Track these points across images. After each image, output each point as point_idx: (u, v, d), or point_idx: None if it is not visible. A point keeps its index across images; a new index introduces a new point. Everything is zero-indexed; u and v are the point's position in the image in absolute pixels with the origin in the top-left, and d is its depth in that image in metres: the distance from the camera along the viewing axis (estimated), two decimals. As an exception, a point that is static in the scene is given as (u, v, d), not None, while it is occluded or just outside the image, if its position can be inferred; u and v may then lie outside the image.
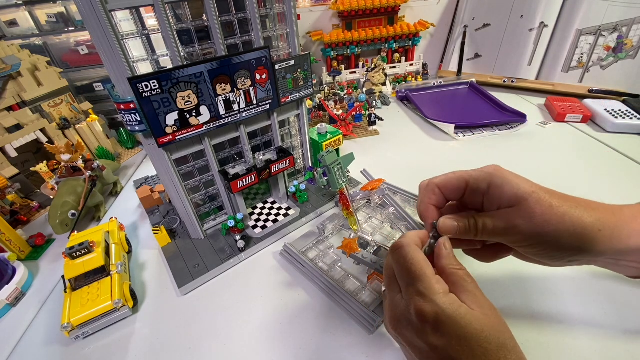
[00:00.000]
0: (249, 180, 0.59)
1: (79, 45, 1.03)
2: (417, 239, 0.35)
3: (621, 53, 1.01)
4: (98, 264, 0.52)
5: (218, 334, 0.48)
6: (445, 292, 0.30)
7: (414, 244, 0.34)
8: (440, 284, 0.31)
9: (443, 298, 0.29)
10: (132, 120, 0.47)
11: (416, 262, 0.32)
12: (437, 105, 1.09)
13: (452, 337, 0.28)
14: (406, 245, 0.33)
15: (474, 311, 0.29)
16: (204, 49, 0.52)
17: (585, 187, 0.69)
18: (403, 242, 0.34)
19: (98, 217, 0.75)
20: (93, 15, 0.40)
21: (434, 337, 0.29)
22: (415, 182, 0.71)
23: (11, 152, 0.80)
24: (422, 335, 0.30)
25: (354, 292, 0.50)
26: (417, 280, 0.31)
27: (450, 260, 0.33)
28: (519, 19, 1.13)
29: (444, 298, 0.29)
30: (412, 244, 0.34)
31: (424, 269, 0.31)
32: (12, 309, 0.56)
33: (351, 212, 0.57)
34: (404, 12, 1.30)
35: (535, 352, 0.42)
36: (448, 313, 0.28)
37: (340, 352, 0.44)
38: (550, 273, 0.52)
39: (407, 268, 0.32)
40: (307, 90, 0.64)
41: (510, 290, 0.50)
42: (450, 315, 0.28)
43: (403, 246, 0.33)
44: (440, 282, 0.31)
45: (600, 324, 0.45)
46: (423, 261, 0.32)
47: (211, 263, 0.58)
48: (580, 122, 0.95)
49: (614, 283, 0.50)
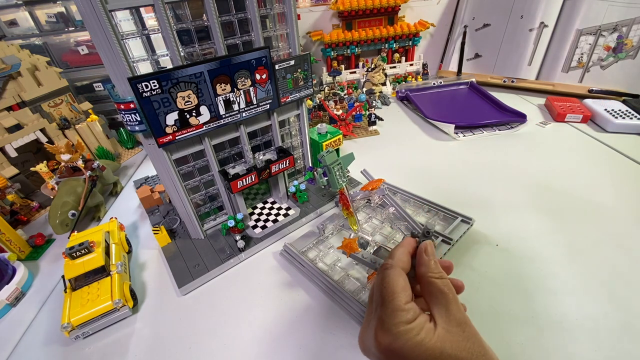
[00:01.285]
0: (249, 180, 0.59)
1: (79, 45, 1.03)
2: (406, 259, 0.34)
3: (621, 53, 1.01)
4: (98, 264, 0.52)
5: (218, 333, 0.48)
6: (408, 320, 0.29)
7: (401, 265, 0.33)
8: (406, 313, 0.29)
9: (400, 327, 0.29)
10: (132, 120, 0.47)
11: (390, 286, 0.31)
12: (437, 105, 1.09)
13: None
14: (390, 268, 0.33)
15: (432, 336, 0.28)
16: (204, 49, 0.51)
17: (585, 187, 0.69)
18: (389, 264, 0.33)
19: (98, 217, 0.75)
20: (93, 15, 0.40)
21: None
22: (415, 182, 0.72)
23: (11, 152, 0.80)
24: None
25: (354, 292, 0.50)
26: (382, 305, 0.30)
27: (429, 268, 0.32)
28: (519, 19, 1.13)
29: (401, 327, 0.29)
30: (396, 268, 0.33)
31: (394, 295, 0.30)
32: (12, 309, 0.56)
33: (351, 212, 0.57)
34: (404, 12, 1.30)
35: (535, 352, 0.42)
36: (400, 343, 0.28)
37: (340, 352, 0.44)
38: (550, 273, 0.52)
39: (379, 291, 0.32)
40: (307, 90, 0.64)
41: (510, 290, 0.50)
42: (402, 345, 0.28)
43: (387, 268, 0.33)
44: (407, 311, 0.29)
45: (600, 324, 0.45)
46: (399, 286, 0.31)
47: (211, 263, 0.58)
48: (580, 122, 0.95)
49: (614, 283, 0.50)
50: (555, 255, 0.55)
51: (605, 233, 0.58)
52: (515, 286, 0.50)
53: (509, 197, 0.69)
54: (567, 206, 0.65)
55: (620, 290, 0.49)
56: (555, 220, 0.62)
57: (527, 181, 0.73)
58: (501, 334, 0.44)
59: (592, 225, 0.60)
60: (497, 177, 0.75)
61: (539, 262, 0.54)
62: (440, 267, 0.33)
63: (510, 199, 0.68)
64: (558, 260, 0.54)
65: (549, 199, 0.67)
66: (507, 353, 0.42)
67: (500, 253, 0.56)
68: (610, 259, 0.54)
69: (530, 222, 0.62)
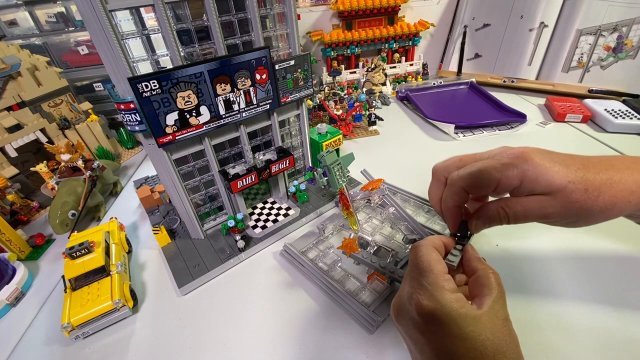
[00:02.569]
0: (249, 180, 0.59)
1: (79, 45, 1.03)
2: (438, 241, 0.36)
3: (621, 53, 1.01)
4: (98, 264, 0.52)
5: (218, 333, 0.48)
6: (452, 290, 0.30)
7: (432, 245, 0.35)
8: (448, 282, 0.31)
9: (445, 295, 0.29)
10: (132, 120, 0.47)
11: (425, 258, 0.33)
12: (437, 105, 1.09)
13: (446, 335, 0.28)
14: (422, 245, 0.35)
15: (477, 313, 0.29)
16: (204, 49, 0.51)
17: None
18: (420, 242, 0.36)
19: (98, 217, 0.75)
20: (93, 15, 0.40)
21: (429, 331, 0.29)
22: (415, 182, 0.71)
23: (11, 152, 0.79)
24: (419, 327, 0.30)
25: (354, 292, 0.50)
26: (422, 275, 0.32)
27: (482, 263, 0.34)
28: (519, 19, 1.13)
29: (447, 295, 0.29)
30: (428, 245, 0.35)
31: (432, 265, 0.32)
32: (12, 309, 0.56)
33: (351, 212, 0.57)
34: (404, 12, 1.30)
35: (535, 352, 0.42)
36: (446, 310, 0.28)
37: (340, 352, 0.44)
38: (550, 273, 0.52)
39: (416, 264, 0.33)
40: (307, 90, 0.64)
41: (510, 290, 0.50)
42: (447, 313, 0.28)
43: (419, 245, 0.35)
44: (448, 281, 0.31)
45: (600, 324, 0.45)
46: (433, 259, 0.33)
47: (211, 263, 0.58)
48: (580, 122, 0.95)
49: (614, 283, 0.50)
50: (555, 255, 0.55)
51: (605, 233, 0.58)
52: (515, 286, 0.50)
53: (509, 197, 0.69)
54: (567, 206, 0.65)
55: (620, 291, 0.49)
56: (555, 220, 0.62)
57: (527, 181, 0.73)
58: (501, 334, 0.44)
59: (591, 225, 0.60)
60: (497, 177, 0.75)
61: (539, 262, 0.54)
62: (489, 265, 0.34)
63: (510, 199, 0.68)
64: (558, 260, 0.54)
65: (549, 199, 0.67)
66: (507, 353, 0.42)
67: (500, 253, 0.56)
68: (610, 259, 0.54)
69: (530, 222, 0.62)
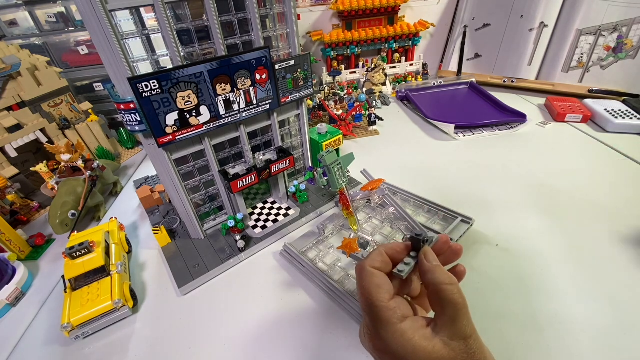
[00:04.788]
0: (249, 180, 0.59)
1: (79, 45, 1.03)
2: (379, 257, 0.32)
3: (621, 53, 1.01)
4: (98, 264, 0.52)
5: (218, 333, 0.48)
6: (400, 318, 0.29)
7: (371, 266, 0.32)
8: (393, 312, 0.29)
9: (393, 329, 0.28)
10: (132, 120, 0.47)
11: (366, 288, 0.30)
12: (437, 105, 1.09)
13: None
14: (362, 270, 0.32)
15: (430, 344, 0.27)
16: (204, 49, 0.51)
17: (585, 187, 0.69)
18: (360, 265, 0.32)
19: (98, 217, 0.75)
20: (93, 15, 0.40)
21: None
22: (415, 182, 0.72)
23: (11, 152, 0.79)
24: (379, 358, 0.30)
25: (354, 292, 0.50)
26: (368, 307, 0.30)
27: (435, 274, 0.29)
28: (519, 19, 1.13)
29: (395, 328, 0.28)
30: (366, 268, 0.31)
31: (373, 297, 0.30)
32: (12, 309, 0.56)
33: (351, 212, 0.57)
34: (404, 12, 1.30)
35: (535, 352, 0.42)
36: (394, 348, 0.28)
37: (340, 352, 0.44)
38: (550, 273, 0.52)
39: (360, 293, 0.31)
40: (307, 90, 0.64)
41: (510, 290, 0.50)
42: (396, 349, 0.28)
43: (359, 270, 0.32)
44: (393, 310, 0.29)
45: (600, 323, 0.45)
46: (374, 286, 0.30)
47: (211, 263, 0.58)
48: (580, 122, 0.95)
49: (614, 283, 0.50)
50: (555, 255, 0.55)
51: (605, 233, 0.58)
52: (515, 286, 0.50)
53: (509, 197, 0.69)
54: (567, 206, 0.65)
55: (620, 290, 0.49)
56: (555, 220, 0.62)
57: (527, 181, 0.73)
58: (501, 334, 0.44)
59: (592, 225, 0.60)
60: (497, 177, 0.75)
61: (539, 262, 0.54)
62: (447, 272, 0.30)
63: (510, 199, 0.68)
64: (558, 260, 0.54)
65: (549, 199, 0.67)
66: (507, 353, 0.42)
67: (500, 253, 0.56)
68: (610, 258, 0.54)
69: (530, 222, 0.62)
